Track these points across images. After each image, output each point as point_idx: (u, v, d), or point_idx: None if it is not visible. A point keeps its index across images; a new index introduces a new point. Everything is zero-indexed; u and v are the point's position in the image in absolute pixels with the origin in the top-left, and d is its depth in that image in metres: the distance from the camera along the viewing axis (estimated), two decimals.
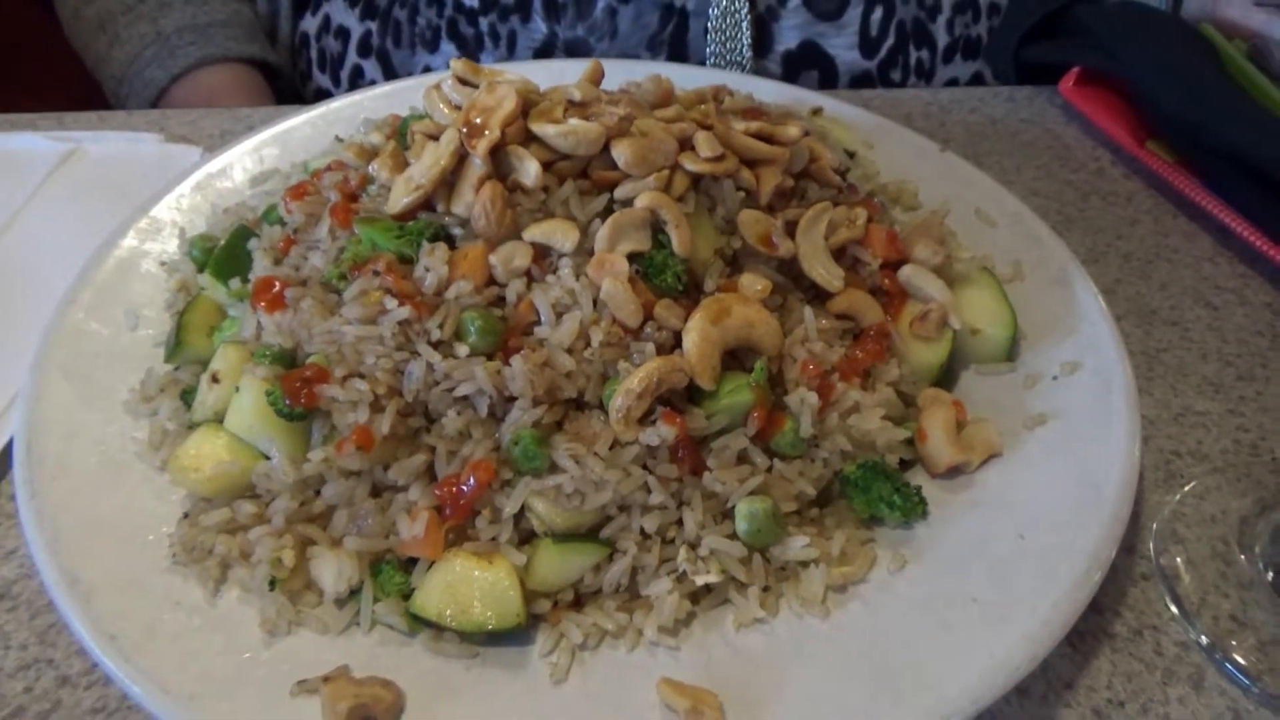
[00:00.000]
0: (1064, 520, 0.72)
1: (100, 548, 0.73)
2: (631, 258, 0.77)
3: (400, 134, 0.93)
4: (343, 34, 1.52)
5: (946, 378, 0.86)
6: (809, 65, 1.40)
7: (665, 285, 0.77)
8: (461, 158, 0.80)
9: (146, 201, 1.00)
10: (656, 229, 0.79)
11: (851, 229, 0.86)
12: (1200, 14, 1.37)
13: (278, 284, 0.82)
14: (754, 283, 0.79)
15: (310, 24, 1.58)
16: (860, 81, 1.41)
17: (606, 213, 0.79)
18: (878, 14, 1.39)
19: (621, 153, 0.79)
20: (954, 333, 0.85)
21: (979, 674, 0.64)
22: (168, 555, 0.73)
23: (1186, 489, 0.84)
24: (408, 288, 0.77)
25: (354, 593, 0.72)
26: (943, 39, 1.44)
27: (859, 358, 0.80)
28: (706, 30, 1.36)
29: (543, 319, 0.76)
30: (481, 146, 0.78)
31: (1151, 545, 0.80)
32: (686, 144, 0.83)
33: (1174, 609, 0.76)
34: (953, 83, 1.47)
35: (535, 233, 0.78)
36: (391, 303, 0.75)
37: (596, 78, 0.90)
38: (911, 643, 0.67)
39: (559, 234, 0.77)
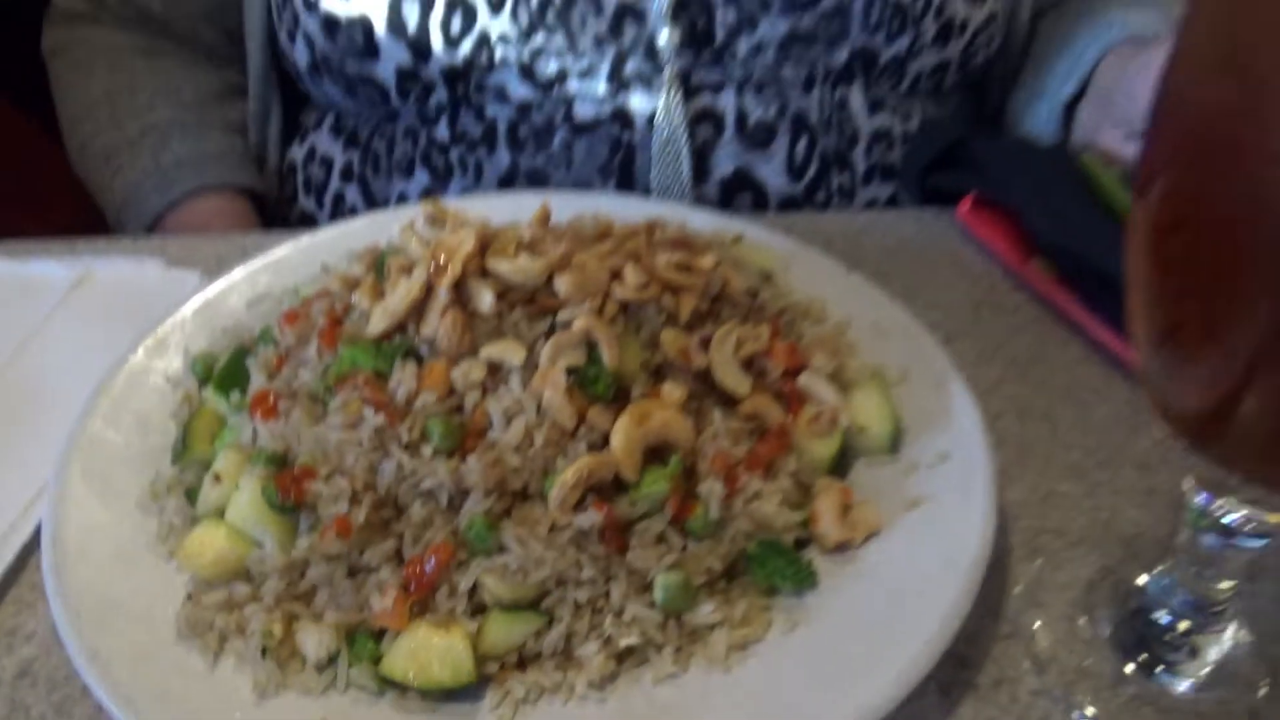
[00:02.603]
0: (930, 585, 0.86)
1: (116, 625, 0.85)
2: (569, 371, 0.92)
3: (378, 266, 1.08)
4: (326, 162, 1.70)
5: (840, 466, 1.00)
6: (742, 189, 1.58)
7: (597, 394, 0.91)
8: (429, 289, 0.96)
9: (153, 323, 1.15)
10: (591, 346, 0.94)
11: (757, 343, 1.02)
12: (1084, 144, 1.58)
13: (272, 396, 0.96)
14: (673, 391, 0.94)
15: (298, 153, 1.76)
16: (789, 203, 1.59)
17: (549, 333, 0.94)
18: (802, 144, 1.58)
19: (562, 284, 0.95)
20: (844, 430, 1.00)
21: (854, 713, 0.78)
22: (174, 630, 0.86)
23: (1045, 560, 0.98)
24: (383, 398, 0.91)
25: (333, 659, 0.84)
26: (861, 165, 1.63)
27: (762, 452, 0.95)
28: (650, 160, 1.54)
29: (495, 423, 0.90)
30: (445, 282, 0.93)
31: (1013, 609, 0.94)
32: (618, 274, 0.99)
33: (1028, 663, 0.90)
34: (873, 202, 1.66)
35: (490, 351, 0.93)
36: (369, 412, 0.90)
37: (545, 218, 1.07)
38: (799, 690, 0.81)
39: (509, 352, 0.92)
